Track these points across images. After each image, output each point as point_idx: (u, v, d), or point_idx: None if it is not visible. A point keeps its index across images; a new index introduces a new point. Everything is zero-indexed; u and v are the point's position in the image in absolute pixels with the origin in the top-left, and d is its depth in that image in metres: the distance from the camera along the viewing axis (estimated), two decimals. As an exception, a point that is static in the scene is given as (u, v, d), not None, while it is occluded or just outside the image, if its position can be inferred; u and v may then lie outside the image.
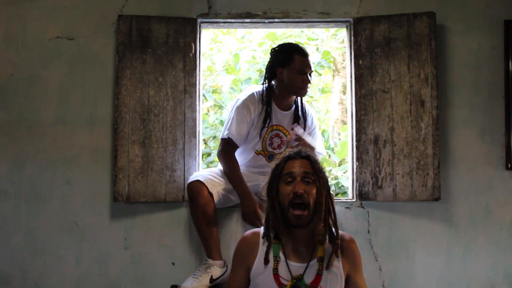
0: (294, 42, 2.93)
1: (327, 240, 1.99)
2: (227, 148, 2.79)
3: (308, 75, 2.79)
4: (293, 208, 1.93)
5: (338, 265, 1.98)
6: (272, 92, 2.84)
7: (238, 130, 2.75)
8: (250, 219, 2.73)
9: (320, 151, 2.97)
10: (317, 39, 5.25)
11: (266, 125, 2.81)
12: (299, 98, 2.89)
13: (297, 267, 1.96)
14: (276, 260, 1.96)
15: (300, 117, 2.89)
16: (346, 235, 2.06)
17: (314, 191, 1.94)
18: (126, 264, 2.93)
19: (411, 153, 2.92)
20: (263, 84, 2.86)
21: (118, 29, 2.97)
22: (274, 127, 2.86)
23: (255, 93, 2.83)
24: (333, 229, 2.00)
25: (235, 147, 2.80)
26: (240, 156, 2.90)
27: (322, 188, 1.96)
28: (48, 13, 3.06)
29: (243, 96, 2.85)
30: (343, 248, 2.01)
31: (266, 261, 1.96)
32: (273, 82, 2.85)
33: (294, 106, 2.90)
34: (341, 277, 1.98)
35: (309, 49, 5.18)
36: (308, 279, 1.94)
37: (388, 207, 2.97)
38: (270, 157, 2.87)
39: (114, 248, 2.94)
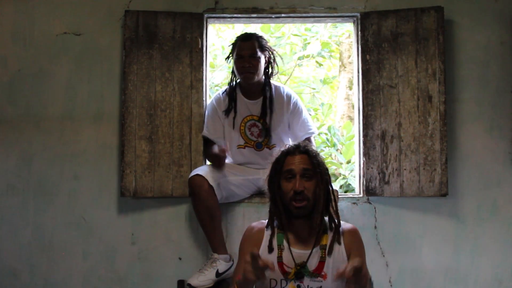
0: (253, 32, 2.97)
1: (329, 228, 2.03)
2: (205, 145, 2.93)
3: (248, 59, 2.76)
4: (294, 202, 1.98)
5: (341, 250, 2.00)
6: (239, 83, 2.90)
7: (209, 127, 2.89)
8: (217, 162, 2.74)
9: (312, 130, 2.95)
10: (317, 32, 5.24)
11: (235, 115, 2.85)
12: (267, 85, 2.88)
13: (300, 254, 1.99)
14: (280, 248, 2.00)
15: (267, 105, 2.86)
16: (348, 225, 2.09)
17: (313, 186, 2.00)
18: (133, 259, 2.95)
19: (418, 149, 2.91)
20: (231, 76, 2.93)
21: (125, 24, 2.97)
22: (249, 117, 2.88)
23: (220, 92, 2.95)
24: (334, 217, 2.04)
25: (213, 143, 2.87)
26: (231, 156, 2.91)
27: (320, 181, 2.01)
28: (55, 9, 3.07)
29: (216, 95, 2.97)
30: (346, 236, 2.03)
31: (270, 249, 1.99)
32: None
33: (263, 94, 2.90)
34: (345, 264, 1.96)
35: (310, 41, 5.16)
36: (312, 266, 1.97)
37: (395, 203, 2.96)
38: (257, 145, 2.88)
39: (121, 243, 2.96)
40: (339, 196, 2.78)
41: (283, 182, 2.02)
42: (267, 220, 2.11)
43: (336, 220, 2.04)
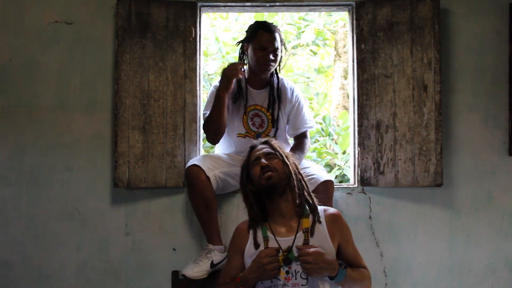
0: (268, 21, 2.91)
1: (310, 212, 2.16)
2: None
3: (271, 52, 2.74)
4: (263, 176, 2.13)
5: (322, 229, 2.12)
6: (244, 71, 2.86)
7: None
8: (234, 73, 2.65)
9: (311, 125, 2.97)
10: (312, 21, 5.20)
11: (243, 105, 2.83)
12: (274, 75, 2.86)
13: (285, 241, 2.10)
14: (266, 240, 2.12)
15: (275, 96, 2.85)
16: (331, 209, 2.25)
17: (278, 163, 2.16)
18: (127, 250, 2.93)
19: (413, 139, 2.90)
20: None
21: (117, 13, 2.93)
22: (252, 107, 2.86)
23: None
24: (310, 200, 2.19)
25: None
26: (228, 145, 2.91)
27: (286, 159, 2.18)
28: (46, -3, 3.03)
29: (216, 81, 2.92)
30: (328, 219, 2.16)
31: (256, 246, 2.12)
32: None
33: (269, 84, 2.87)
34: (328, 243, 2.11)
35: (305, 30, 5.13)
36: (297, 250, 2.07)
37: (390, 193, 2.96)
38: (257, 136, 2.85)
39: (114, 234, 2.94)
40: (334, 187, 2.77)
41: (251, 171, 2.19)
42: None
43: (311, 201, 2.17)
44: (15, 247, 2.94)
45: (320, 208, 2.20)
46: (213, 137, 2.81)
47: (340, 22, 5.28)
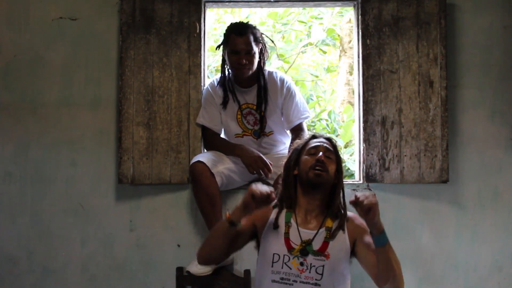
0: (246, 22, 2.88)
1: (337, 219, 2.17)
2: (205, 136, 2.90)
3: (244, 55, 2.70)
4: (314, 169, 2.09)
5: (344, 238, 2.13)
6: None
7: (206, 114, 2.84)
8: (257, 165, 2.66)
9: (305, 115, 2.92)
10: (322, 18, 5.19)
11: (236, 105, 2.83)
12: (260, 73, 2.82)
13: (307, 233, 2.11)
14: (288, 225, 2.13)
15: (261, 93, 2.82)
16: (349, 213, 2.23)
17: (333, 165, 2.15)
18: (131, 246, 2.93)
19: (419, 135, 2.88)
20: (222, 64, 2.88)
21: (121, 9, 2.92)
22: (243, 106, 2.85)
23: (214, 80, 2.90)
24: (342, 210, 2.19)
25: (211, 131, 2.86)
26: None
27: (340, 167, 2.17)
28: (50, -7, 3.02)
29: (207, 84, 2.95)
30: (349, 224, 2.16)
31: (276, 226, 2.13)
32: None
33: (258, 81, 2.84)
34: (346, 251, 2.11)
35: (314, 27, 5.11)
36: (316, 245, 2.09)
37: (395, 189, 2.94)
38: (255, 133, 2.86)
39: (119, 230, 2.94)
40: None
41: (304, 157, 2.16)
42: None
43: (343, 210, 2.17)
44: (20, 242, 2.95)
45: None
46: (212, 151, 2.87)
47: (345, 17, 5.27)
